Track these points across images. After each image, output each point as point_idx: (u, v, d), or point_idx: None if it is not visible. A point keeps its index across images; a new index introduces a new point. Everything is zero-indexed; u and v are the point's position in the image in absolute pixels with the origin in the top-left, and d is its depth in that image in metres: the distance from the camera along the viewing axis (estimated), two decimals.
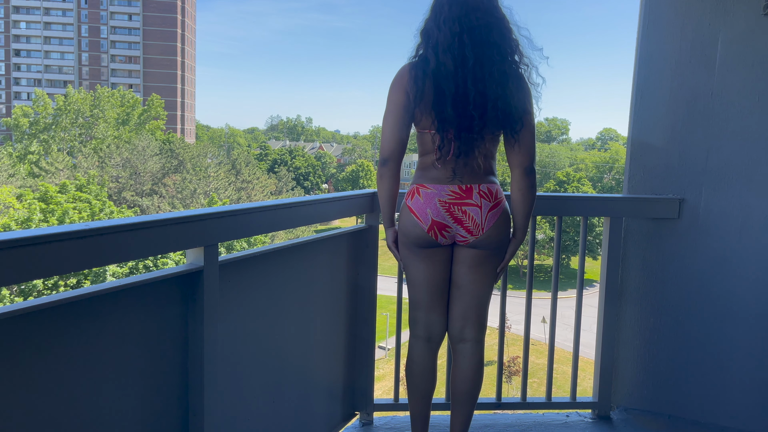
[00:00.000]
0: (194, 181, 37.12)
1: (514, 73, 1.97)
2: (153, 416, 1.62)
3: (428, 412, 2.23)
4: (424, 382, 2.17)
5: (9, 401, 1.25)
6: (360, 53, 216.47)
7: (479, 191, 2.00)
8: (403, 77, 1.99)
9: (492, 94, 1.93)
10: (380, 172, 2.06)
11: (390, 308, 22.53)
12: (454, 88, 1.92)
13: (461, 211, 2.00)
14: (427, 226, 2.01)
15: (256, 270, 1.95)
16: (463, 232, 2.02)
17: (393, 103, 2.00)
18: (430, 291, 2.12)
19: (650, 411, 2.78)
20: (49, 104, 54.19)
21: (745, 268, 2.60)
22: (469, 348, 2.16)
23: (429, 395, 2.21)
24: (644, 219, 2.74)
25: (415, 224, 2.03)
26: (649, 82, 2.71)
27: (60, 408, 1.36)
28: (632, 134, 2.76)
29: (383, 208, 2.12)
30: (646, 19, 2.69)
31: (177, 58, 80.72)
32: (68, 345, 1.37)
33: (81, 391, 1.41)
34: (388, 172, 2.04)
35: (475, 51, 1.93)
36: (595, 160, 62.39)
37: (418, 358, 2.17)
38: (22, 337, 1.27)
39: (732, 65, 2.57)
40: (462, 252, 2.09)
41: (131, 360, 1.54)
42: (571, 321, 2.86)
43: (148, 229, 1.51)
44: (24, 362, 1.28)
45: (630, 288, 2.78)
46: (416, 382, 2.18)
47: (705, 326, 2.68)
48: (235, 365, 1.88)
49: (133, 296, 1.53)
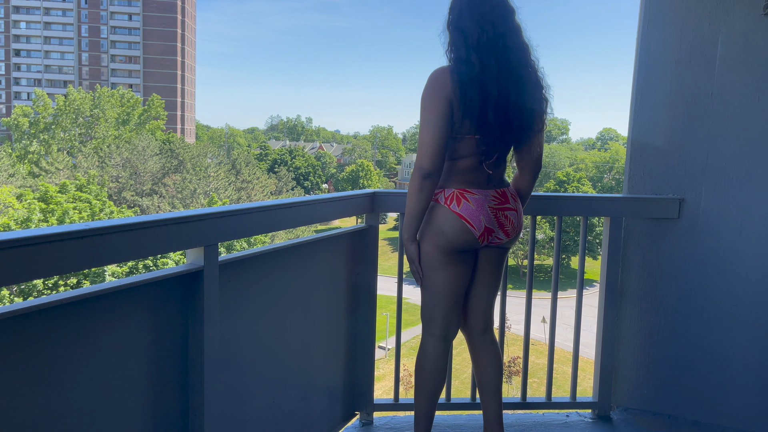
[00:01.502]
0: (194, 181, 37.13)
1: (536, 76, 2.02)
2: (153, 416, 1.62)
3: (434, 411, 2.24)
4: (435, 380, 2.18)
5: (9, 401, 1.25)
6: (360, 53, 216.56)
7: (510, 194, 2.08)
8: (446, 84, 1.91)
9: (528, 98, 1.98)
10: (421, 185, 1.95)
11: (390, 308, 22.54)
12: (497, 92, 1.93)
13: (503, 215, 2.05)
14: (480, 233, 2.01)
15: (256, 270, 1.95)
16: (501, 235, 2.07)
17: (435, 112, 1.91)
18: (457, 293, 2.12)
19: (650, 411, 2.79)
20: (49, 104, 54.22)
21: (745, 268, 2.60)
22: (490, 338, 2.25)
23: (438, 394, 2.22)
24: (644, 219, 2.74)
25: (465, 230, 2.00)
26: (649, 82, 2.71)
27: (60, 408, 1.36)
28: (632, 134, 2.76)
29: (413, 221, 2.02)
30: (646, 19, 2.69)
31: (177, 58, 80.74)
32: (68, 345, 1.37)
33: (81, 391, 1.41)
34: (429, 186, 1.95)
35: (514, 54, 1.96)
36: (595, 160, 62.41)
37: (432, 357, 2.17)
38: (22, 337, 1.27)
39: (732, 65, 2.57)
40: (490, 252, 2.13)
41: (131, 360, 1.54)
42: (571, 321, 2.86)
43: (148, 229, 1.51)
44: (24, 362, 1.28)
45: (630, 288, 2.78)
46: (427, 380, 2.18)
47: (705, 326, 2.68)
48: (235, 365, 1.88)
49: (133, 296, 1.53)
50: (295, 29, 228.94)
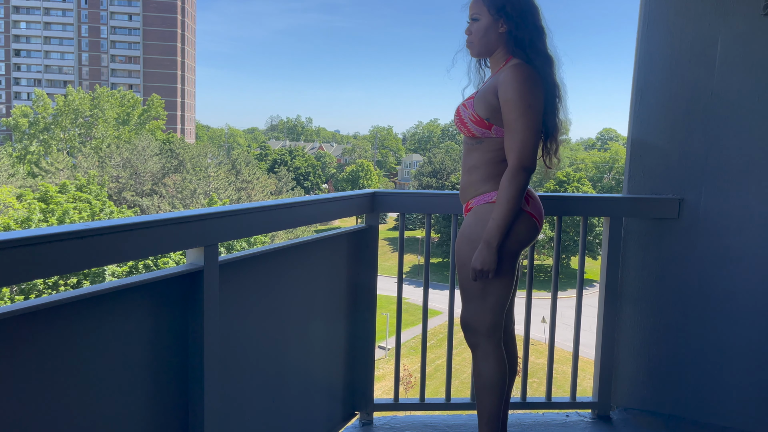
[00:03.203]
0: (194, 181, 37.13)
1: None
2: (153, 416, 1.62)
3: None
4: (505, 382, 2.15)
5: (9, 401, 1.25)
6: (361, 53, 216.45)
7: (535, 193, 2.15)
8: (539, 82, 1.97)
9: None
10: (525, 182, 1.95)
11: (390, 308, 22.52)
12: (555, 92, 2.06)
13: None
14: (541, 225, 2.10)
15: (256, 270, 1.95)
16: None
17: (539, 111, 1.95)
18: (512, 293, 2.16)
19: (650, 411, 2.79)
20: (49, 104, 54.21)
21: (745, 267, 2.60)
22: (513, 335, 2.34)
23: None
24: (644, 219, 2.74)
25: (535, 228, 2.07)
26: (649, 82, 2.71)
27: (60, 408, 1.36)
28: (632, 134, 2.76)
29: (510, 219, 1.96)
30: (646, 19, 2.69)
31: (177, 58, 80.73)
32: (68, 345, 1.37)
33: (81, 391, 1.41)
34: (529, 182, 1.99)
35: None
36: (595, 160, 62.39)
37: (503, 360, 2.12)
38: (22, 337, 1.27)
39: (732, 65, 2.57)
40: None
41: (131, 360, 1.54)
42: (571, 321, 2.86)
43: (148, 229, 1.51)
44: (24, 362, 1.28)
45: (630, 288, 2.78)
46: (501, 385, 2.12)
47: (705, 326, 2.68)
48: (234, 365, 1.88)
49: (133, 296, 1.53)
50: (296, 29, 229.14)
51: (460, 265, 2.08)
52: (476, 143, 2.08)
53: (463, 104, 2.10)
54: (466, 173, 2.12)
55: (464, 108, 2.09)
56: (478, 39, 2.06)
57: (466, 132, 2.09)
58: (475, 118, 2.03)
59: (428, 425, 2.64)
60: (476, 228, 2.02)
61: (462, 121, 2.09)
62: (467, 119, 2.07)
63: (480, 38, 2.06)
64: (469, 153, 2.11)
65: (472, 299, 2.07)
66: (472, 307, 2.08)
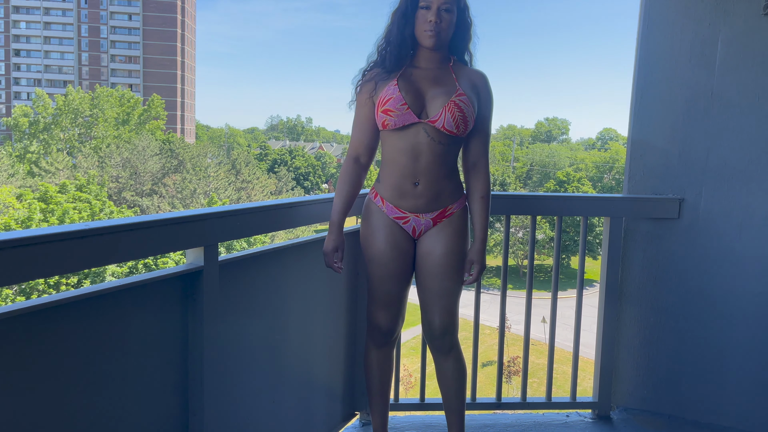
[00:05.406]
0: (194, 181, 37.10)
1: None
2: (153, 416, 1.62)
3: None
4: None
5: (9, 401, 1.25)
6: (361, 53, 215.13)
7: None
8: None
9: None
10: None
11: None
12: None
13: None
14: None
15: (256, 270, 1.95)
16: None
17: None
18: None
19: (650, 411, 2.78)
20: (48, 104, 54.17)
21: (745, 267, 2.60)
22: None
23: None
24: (644, 219, 2.74)
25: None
26: (649, 82, 2.71)
27: (60, 408, 1.36)
28: (632, 134, 2.76)
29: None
30: (646, 19, 2.69)
31: (177, 58, 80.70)
32: (68, 345, 1.37)
33: (81, 391, 1.41)
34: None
35: None
36: (595, 160, 62.37)
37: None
38: (22, 337, 1.27)
39: (732, 65, 2.57)
40: None
41: (131, 359, 1.54)
42: (571, 321, 2.86)
43: (148, 229, 1.51)
44: (24, 362, 1.28)
45: (630, 288, 2.78)
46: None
47: (705, 326, 2.68)
48: (234, 365, 1.88)
49: (133, 296, 1.53)
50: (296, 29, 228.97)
51: (459, 268, 2.09)
52: (453, 144, 2.01)
53: (462, 101, 1.95)
54: (443, 178, 2.02)
55: (465, 105, 1.96)
56: (446, 32, 1.98)
57: (459, 131, 1.96)
58: (474, 118, 2.01)
59: (428, 425, 2.64)
60: (466, 230, 2.10)
61: (464, 118, 1.96)
62: (470, 117, 1.98)
63: (448, 32, 1.99)
64: (444, 154, 1.99)
65: (455, 301, 2.14)
66: (453, 310, 2.14)
